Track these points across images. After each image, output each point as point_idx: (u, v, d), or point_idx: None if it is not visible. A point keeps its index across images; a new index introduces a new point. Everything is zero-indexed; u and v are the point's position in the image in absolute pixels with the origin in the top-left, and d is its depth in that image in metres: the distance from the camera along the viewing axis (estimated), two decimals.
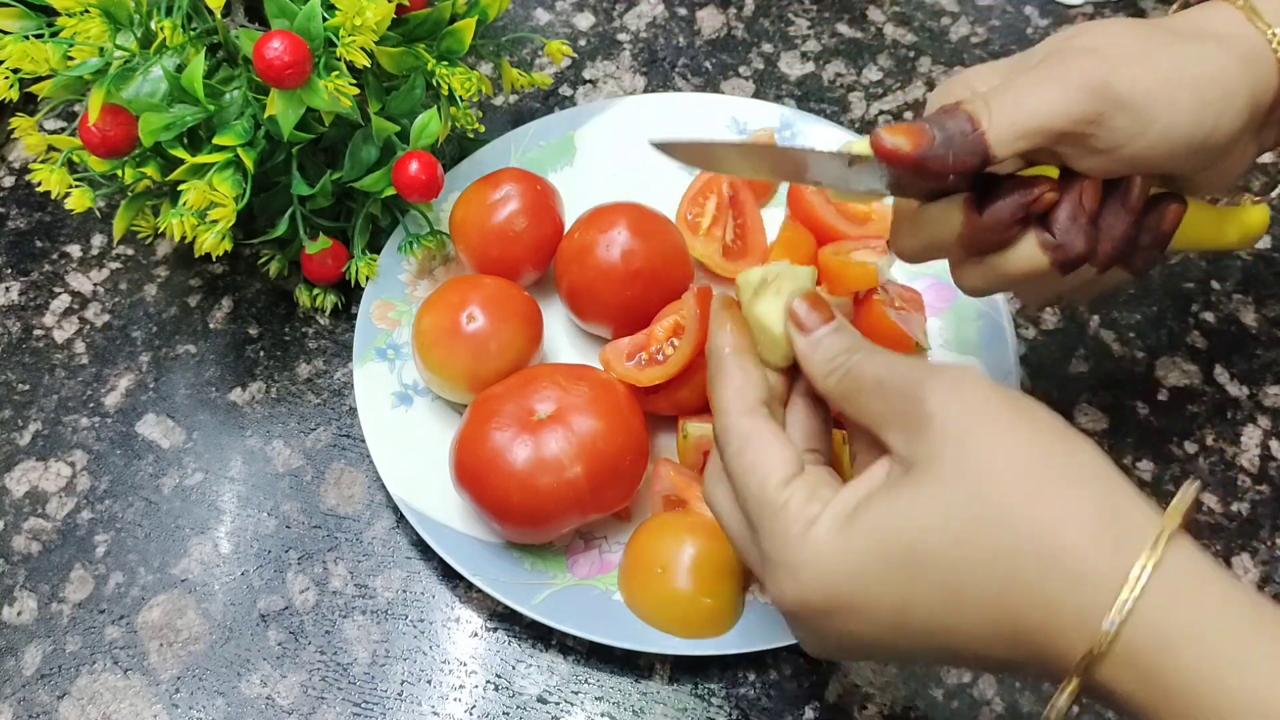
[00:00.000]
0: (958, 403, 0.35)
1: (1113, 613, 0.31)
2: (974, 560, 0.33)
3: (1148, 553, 0.31)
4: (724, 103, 0.67)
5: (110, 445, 0.58)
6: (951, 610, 0.34)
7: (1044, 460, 0.34)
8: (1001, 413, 0.34)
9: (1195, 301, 0.62)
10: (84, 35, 0.50)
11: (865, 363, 0.37)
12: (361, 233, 0.60)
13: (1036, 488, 0.33)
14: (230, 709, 0.50)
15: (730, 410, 0.40)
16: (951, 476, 0.34)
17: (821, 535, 0.36)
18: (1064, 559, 0.32)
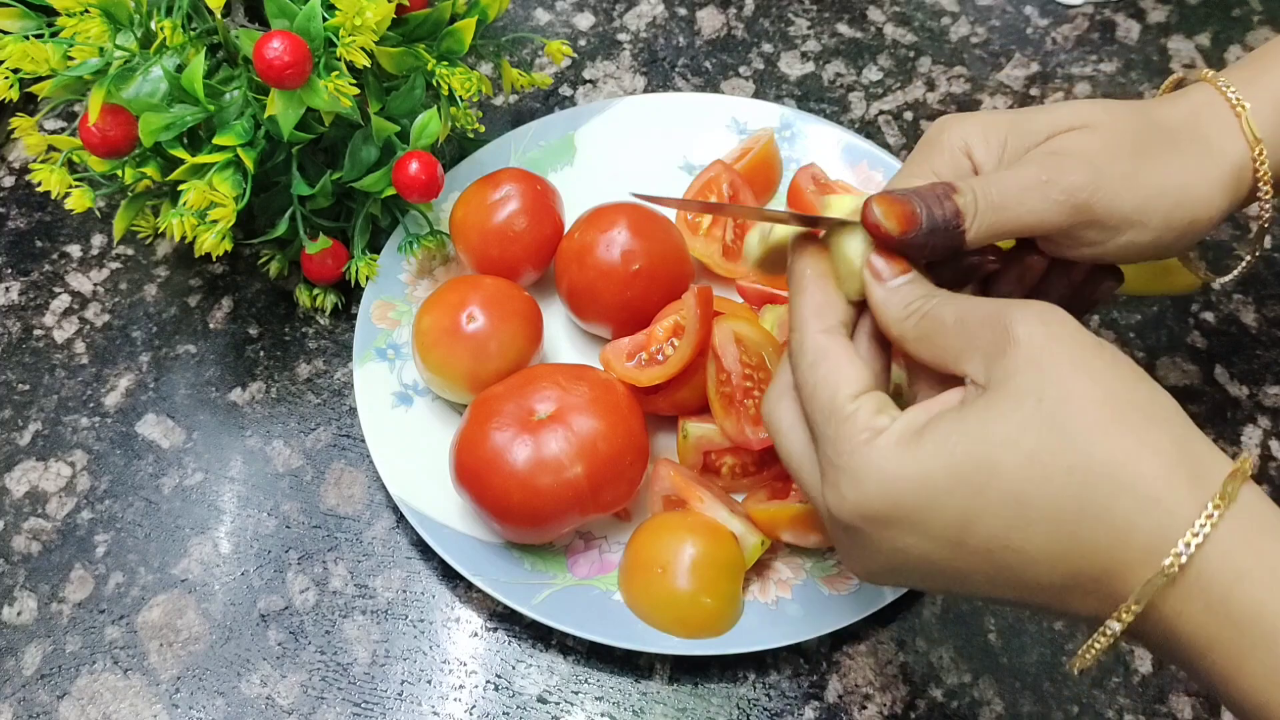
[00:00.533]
0: (1042, 329, 0.35)
1: (1187, 536, 0.31)
2: (1045, 477, 0.33)
3: (1224, 486, 0.32)
4: (724, 103, 0.67)
5: (110, 445, 0.58)
6: (1016, 526, 0.33)
7: (1125, 394, 0.34)
8: (1086, 345, 0.35)
9: (1195, 301, 0.62)
10: (84, 35, 0.50)
11: (944, 304, 0.38)
12: (361, 233, 0.60)
13: (1115, 416, 0.33)
14: (230, 709, 0.50)
15: (808, 326, 0.40)
16: (1030, 395, 0.34)
17: (889, 443, 0.35)
18: (1139, 484, 0.32)
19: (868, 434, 0.36)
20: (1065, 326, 0.35)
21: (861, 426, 0.36)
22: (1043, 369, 0.34)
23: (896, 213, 0.39)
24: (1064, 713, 0.50)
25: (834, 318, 0.40)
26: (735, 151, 0.64)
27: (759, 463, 0.54)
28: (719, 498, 0.52)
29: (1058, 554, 0.33)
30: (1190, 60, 0.72)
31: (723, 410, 0.52)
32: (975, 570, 0.35)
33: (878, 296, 0.39)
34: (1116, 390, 0.34)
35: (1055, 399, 0.33)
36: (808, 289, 0.41)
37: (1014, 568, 0.34)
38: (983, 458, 0.34)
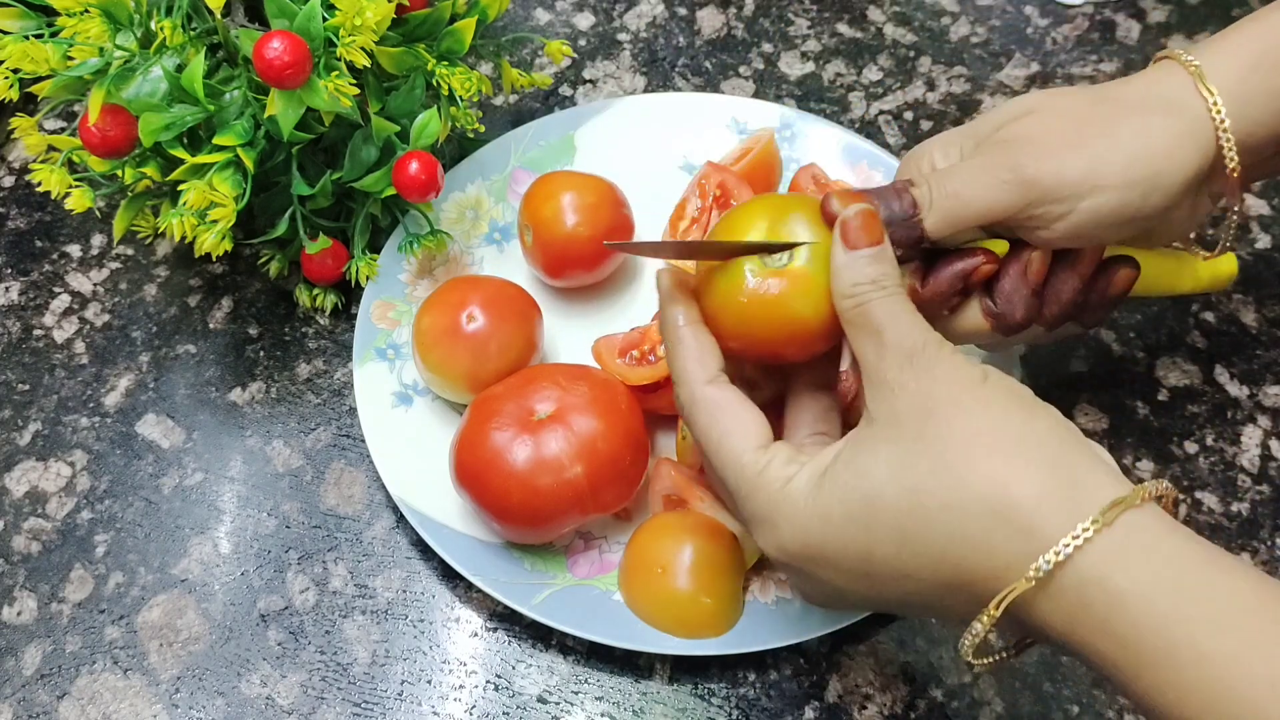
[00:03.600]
0: (928, 375, 0.36)
1: (1049, 554, 0.32)
2: (925, 510, 0.35)
3: (1099, 513, 0.33)
4: (724, 103, 0.67)
5: (110, 445, 0.58)
6: (906, 557, 0.35)
7: (1000, 424, 0.35)
8: (967, 385, 0.36)
9: (1195, 301, 0.62)
10: (84, 35, 0.50)
11: (877, 305, 0.38)
12: (361, 233, 0.60)
13: (990, 448, 0.34)
14: (230, 709, 0.50)
15: (694, 380, 0.41)
16: (911, 435, 0.35)
17: (796, 491, 0.37)
18: (1010, 513, 0.33)
19: (779, 483, 0.38)
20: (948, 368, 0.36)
21: (774, 478, 0.38)
22: (923, 411, 0.35)
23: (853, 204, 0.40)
24: (1064, 713, 0.50)
25: (714, 365, 0.41)
26: (735, 151, 0.64)
27: None
28: (719, 498, 0.52)
29: (946, 581, 0.35)
30: None
31: None
32: (890, 595, 0.37)
33: (837, 260, 0.39)
34: (993, 421, 0.35)
35: (934, 436, 0.35)
36: (683, 339, 0.42)
37: (917, 592, 0.36)
38: (869, 495, 0.36)
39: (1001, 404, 0.35)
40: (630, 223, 0.60)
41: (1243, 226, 0.65)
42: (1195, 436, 0.57)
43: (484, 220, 0.64)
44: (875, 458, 0.36)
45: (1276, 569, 0.53)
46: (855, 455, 0.37)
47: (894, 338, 0.37)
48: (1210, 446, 0.57)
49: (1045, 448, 0.34)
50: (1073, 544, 0.32)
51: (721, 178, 0.61)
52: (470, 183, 0.64)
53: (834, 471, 0.37)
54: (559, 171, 0.62)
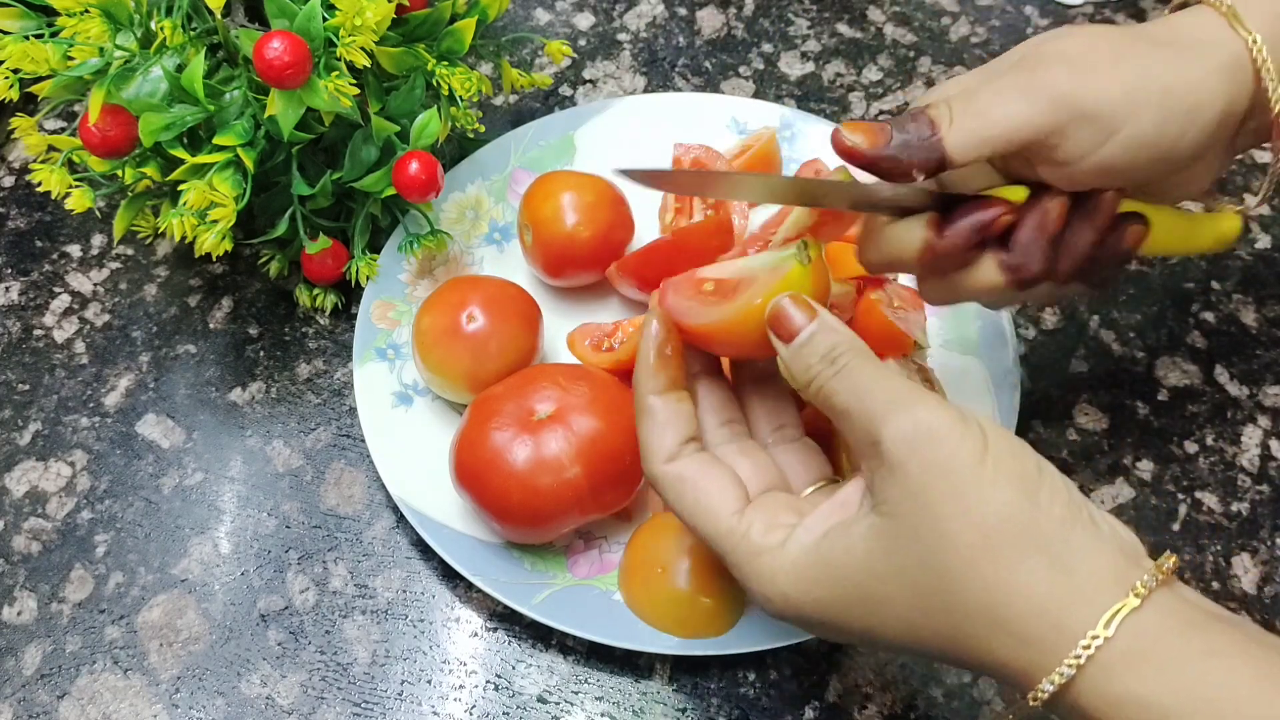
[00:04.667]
0: (918, 459, 0.34)
1: (1053, 675, 0.32)
2: (927, 611, 0.35)
3: (1099, 627, 0.32)
4: (724, 103, 0.67)
5: (110, 445, 0.58)
6: (914, 643, 0.36)
7: (998, 526, 0.33)
8: (963, 472, 0.34)
9: (1195, 301, 0.62)
10: (84, 35, 0.50)
11: (837, 381, 0.37)
12: (361, 233, 0.60)
13: (986, 555, 0.33)
14: (230, 709, 0.50)
15: (656, 458, 0.40)
16: (908, 533, 0.34)
17: (787, 565, 0.37)
18: (1010, 625, 0.33)
19: (766, 556, 0.37)
20: (942, 449, 0.34)
21: (757, 548, 0.38)
22: (918, 504, 0.34)
23: (864, 128, 0.39)
24: None
25: (678, 436, 0.40)
26: (735, 149, 0.64)
27: None
28: None
29: (954, 659, 0.36)
30: None
31: None
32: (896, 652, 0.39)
33: (783, 356, 0.38)
34: (990, 524, 0.33)
35: (930, 539, 0.34)
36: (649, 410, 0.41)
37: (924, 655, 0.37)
38: (873, 590, 0.35)
39: (999, 493, 0.34)
40: (630, 221, 0.60)
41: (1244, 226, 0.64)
42: (1195, 436, 0.57)
43: (484, 220, 0.64)
44: (871, 550, 0.35)
45: (1276, 569, 0.53)
46: (851, 538, 0.36)
47: (863, 415, 0.35)
48: (1210, 446, 0.57)
49: (1044, 548, 0.33)
50: (1074, 664, 0.32)
51: (694, 155, 0.61)
52: (470, 183, 0.64)
53: (829, 552, 0.36)
54: (559, 171, 0.62)
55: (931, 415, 0.34)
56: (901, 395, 0.35)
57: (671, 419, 0.41)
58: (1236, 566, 0.54)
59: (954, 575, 0.34)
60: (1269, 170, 0.45)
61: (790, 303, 0.38)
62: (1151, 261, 0.63)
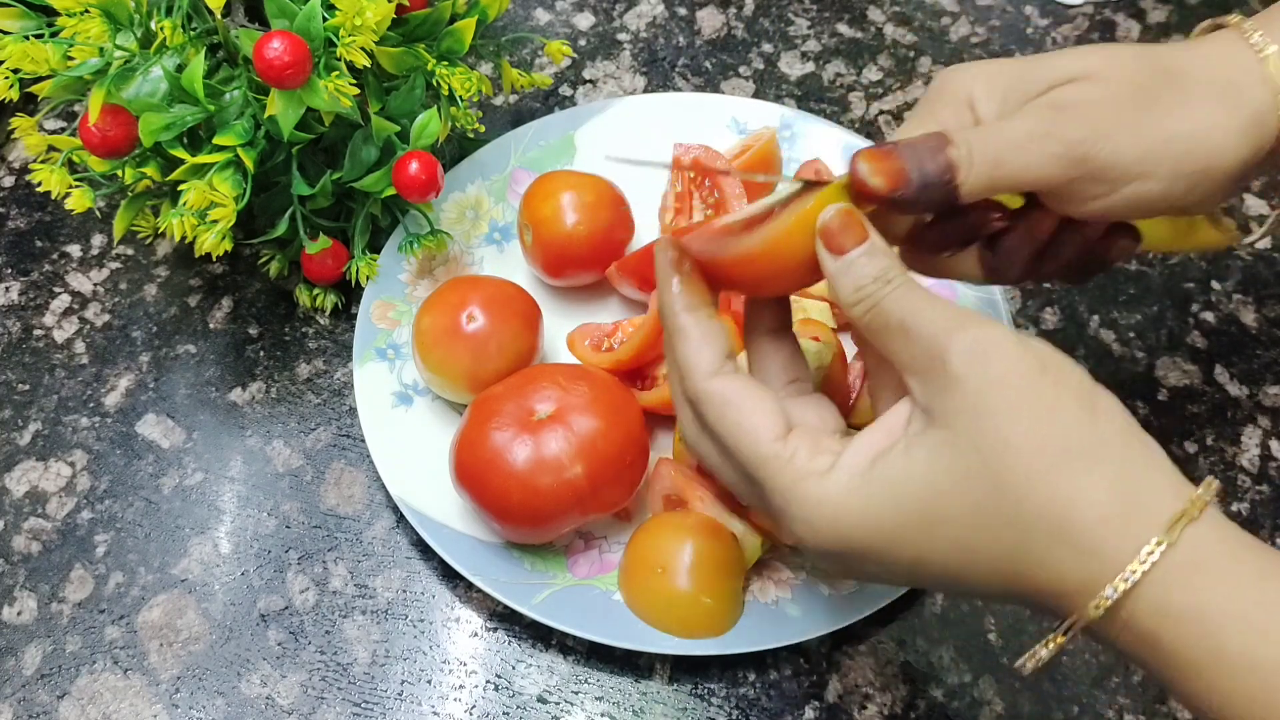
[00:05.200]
0: (980, 372, 0.34)
1: (1116, 581, 0.32)
2: (987, 526, 0.34)
3: (1161, 534, 0.32)
4: (724, 103, 0.67)
5: (110, 445, 0.58)
6: (965, 567, 0.35)
7: (1062, 436, 0.33)
8: (1024, 385, 0.34)
9: (1195, 301, 0.62)
10: (84, 35, 0.50)
11: (892, 300, 0.36)
12: (361, 233, 0.60)
13: (1051, 464, 0.33)
14: (230, 709, 0.50)
15: (697, 374, 0.38)
16: (968, 445, 0.34)
17: (837, 490, 0.35)
18: (1073, 535, 0.33)
19: (813, 480, 0.36)
20: (1002, 362, 0.34)
21: (802, 472, 0.36)
22: (982, 416, 0.34)
23: (885, 169, 0.38)
24: (1064, 713, 0.50)
25: (718, 353, 0.39)
26: (735, 148, 0.64)
27: None
28: (719, 497, 0.52)
29: (1005, 590, 0.35)
30: None
31: None
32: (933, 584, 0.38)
33: (830, 270, 0.37)
34: (1054, 433, 0.33)
35: (993, 449, 0.33)
36: (682, 328, 0.39)
37: (966, 589, 0.36)
38: (929, 506, 0.34)
39: (1061, 405, 0.34)
40: (630, 221, 0.60)
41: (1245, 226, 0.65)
42: (1195, 436, 0.57)
43: (484, 220, 0.64)
44: (932, 465, 0.34)
45: None
46: (911, 460, 0.35)
47: (925, 330, 0.35)
48: (1210, 446, 0.57)
49: (1106, 458, 0.33)
50: (1139, 570, 0.32)
51: (694, 155, 0.61)
52: (470, 183, 0.64)
53: (886, 474, 0.35)
54: (559, 171, 0.62)
55: (993, 331, 0.34)
56: (960, 314, 0.35)
57: (708, 335, 0.39)
58: None
59: (1017, 484, 0.33)
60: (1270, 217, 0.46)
61: (845, 215, 0.37)
62: (1151, 261, 0.63)
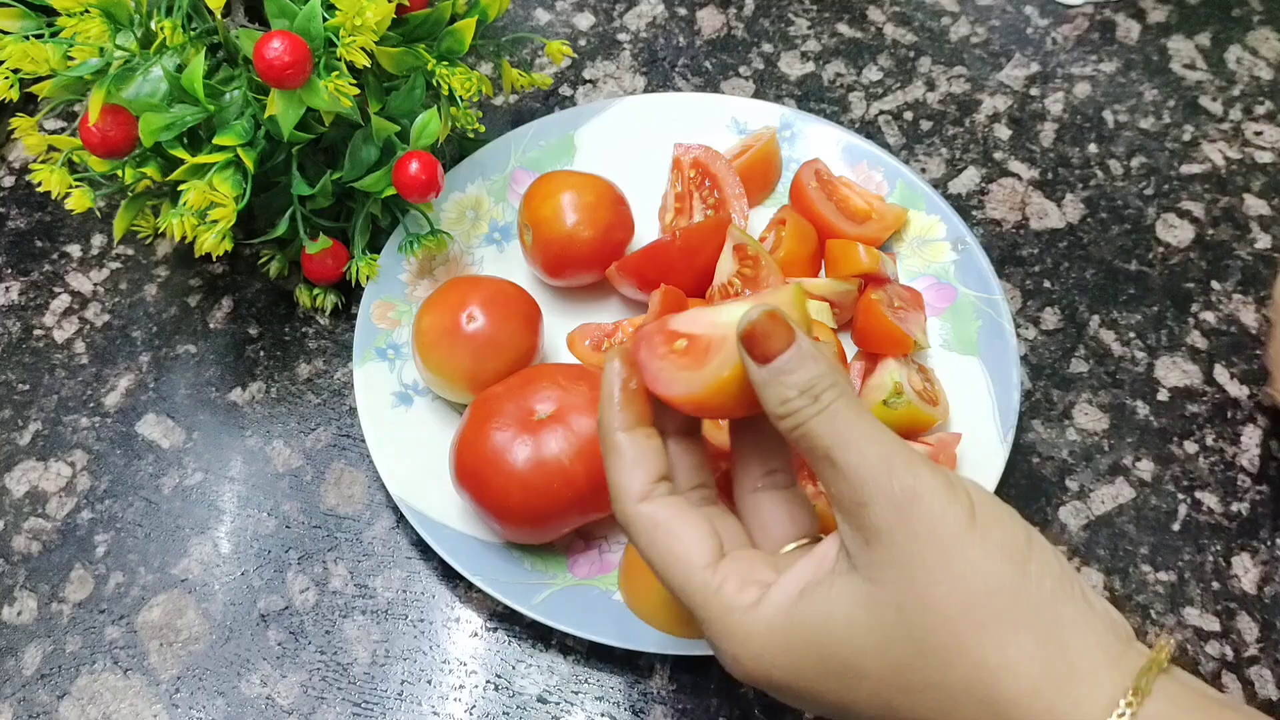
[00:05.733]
0: (903, 527, 0.32)
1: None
2: (909, 688, 0.33)
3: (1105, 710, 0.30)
4: (724, 103, 0.67)
5: (110, 445, 0.58)
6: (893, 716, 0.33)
7: (986, 600, 0.32)
8: (949, 543, 0.32)
9: (1195, 301, 0.62)
10: (84, 35, 0.50)
11: (819, 424, 0.33)
12: (361, 233, 0.60)
13: (976, 626, 0.31)
14: (230, 709, 0.50)
15: (626, 497, 0.37)
16: (890, 604, 0.32)
17: (760, 626, 0.34)
18: (1000, 707, 0.31)
19: (737, 614, 0.35)
20: (928, 518, 0.32)
21: (729, 606, 0.35)
22: (901, 574, 0.32)
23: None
24: None
25: (650, 475, 0.37)
26: (735, 148, 0.64)
27: None
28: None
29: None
30: (1190, 61, 0.72)
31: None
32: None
33: (756, 380, 0.35)
34: (977, 597, 0.31)
35: (915, 610, 0.32)
36: (616, 447, 0.37)
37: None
38: (851, 661, 0.33)
39: (987, 564, 0.32)
40: (630, 222, 0.60)
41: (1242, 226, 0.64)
42: (1195, 436, 0.57)
43: (484, 220, 0.64)
44: (853, 619, 0.33)
45: (1276, 569, 0.53)
46: (833, 601, 0.33)
47: (852, 470, 0.33)
48: (1210, 446, 0.57)
49: (1037, 623, 0.31)
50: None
51: (694, 155, 0.61)
52: (470, 183, 0.64)
53: (806, 614, 0.34)
54: (559, 171, 0.62)
55: (922, 480, 0.32)
56: (890, 454, 0.33)
57: (641, 457, 0.37)
58: (1236, 566, 0.53)
59: (938, 651, 0.32)
60: None
61: (768, 321, 0.34)
62: (1152, 261, 0.63)
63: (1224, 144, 0.68)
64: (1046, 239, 0.64)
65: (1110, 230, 0.65)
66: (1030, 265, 0.63)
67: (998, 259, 0.63)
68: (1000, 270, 0.63)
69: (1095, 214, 0.65)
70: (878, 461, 0.33)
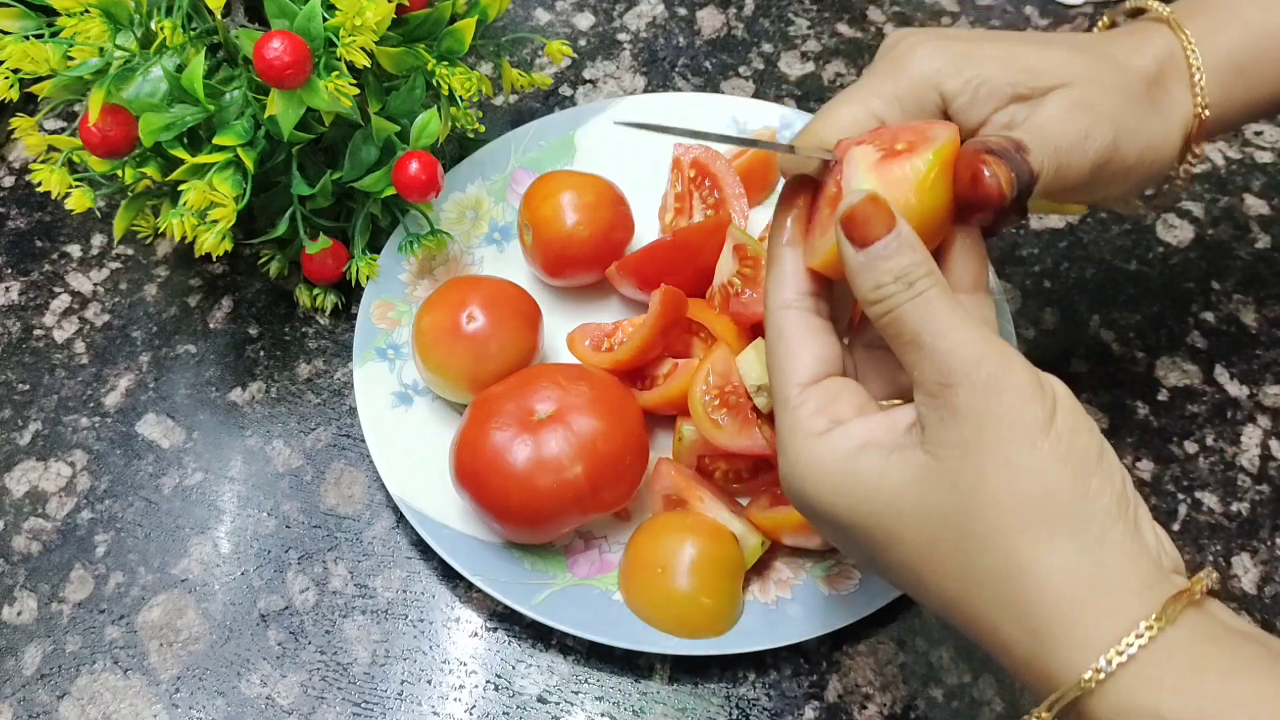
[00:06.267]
0: (983, 410, 0.33)
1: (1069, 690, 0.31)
2: (939, 562, 0.33)
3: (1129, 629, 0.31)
4: (724, 103, 0.67)
5: (110, 445, 0.58)
6: (915, 584, 0.35)
7: (1041, 499, 0.32)
8: (1022, 438, 0.32)
9: (1195, 301, 0.62)
10: (84, 35, 0.50)
11: (912, 310, 0.34)
12: (361, 233, 0.60)
13: (1019, 522, 0.32)
14: (230, 709, 0.50)
15: (770, 301, 0.39)
16: (946, 482, 0.33)
17: (817, 456, 0.35)
18: (1021, 607, 0.32)
19: (803, 436, 0.36)
20: (1011, 409, 0.32)
21: (800, 426, 0.36)
22: (968, 453, 0.33)
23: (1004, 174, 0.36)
24: None
25: (795, 289, 0.38)
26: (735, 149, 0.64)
27: (752, 469, 0.54)
28: (719, 497, 0.52)
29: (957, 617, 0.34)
30: None
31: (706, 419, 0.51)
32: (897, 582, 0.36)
33: (851, 264, 0.35)
34: (1032, 494, 0.32)
35: (966, 489, 0.32)
36: (774, 259, 0.39)
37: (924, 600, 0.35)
38: (888, 521, 0.34)
39: (1053, 467, 0.32)
40: (630, 222, 0.60)
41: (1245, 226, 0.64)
42: (1195, 436, 0.57)
43: (484, 220, 0.64)
44: (903, 485, 0.34)
45: (1276, 569, 0.53)
46: (889, 465, 0.34)
47: (942, 354, 0.33)
48: (1210, 446, 0.57)
49: (1082, 537, 0.32)
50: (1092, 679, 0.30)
51: (694, 156, 0.61)
52: (470, 183, 0.64)
53: (862, 466, 0.35)
54: (559, 171, 0.62)
55: (1012, 373, 0.33)
56: (984, 343, 0.33)
57: (796, 269, 0.39)
58: (1236, 566, 0.54)
59: (978, 536, 0.32)
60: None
61: (871, 202, 0.35)
62: (1151, 261, 0.63)
63: (1224, 144, 0.68)
64: (1046, 239, 0.64)
65: (1110, 230, 0.65)
66: (1030, 265, 0.63)
67: (998, 259, 0.63)
68: (1000, 270, 0.63)
69: (1095, 214, 0.65)
70: (971, 347, 0.33)
